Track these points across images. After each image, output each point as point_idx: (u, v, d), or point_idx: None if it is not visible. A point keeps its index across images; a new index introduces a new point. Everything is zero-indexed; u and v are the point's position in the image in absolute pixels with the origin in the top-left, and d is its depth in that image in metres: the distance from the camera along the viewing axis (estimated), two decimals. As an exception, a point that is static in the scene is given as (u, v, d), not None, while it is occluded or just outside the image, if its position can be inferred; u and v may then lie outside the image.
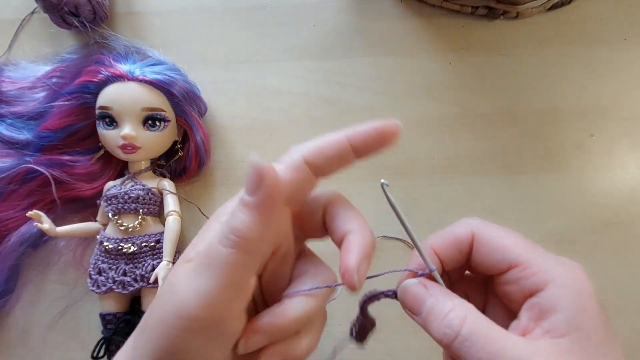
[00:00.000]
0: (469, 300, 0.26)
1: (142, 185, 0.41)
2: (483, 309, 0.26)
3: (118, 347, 0.40)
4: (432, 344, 0.23)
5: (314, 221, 0.25)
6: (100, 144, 0.42)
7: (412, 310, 0.24)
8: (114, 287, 0.39)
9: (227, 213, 0.21)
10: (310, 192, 0.24)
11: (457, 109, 0.44)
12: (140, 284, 0.39)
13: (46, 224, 0.39)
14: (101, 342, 0.39)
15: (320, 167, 0.23)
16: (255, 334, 0.23)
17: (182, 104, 0.41)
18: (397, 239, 0.42)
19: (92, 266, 0.40)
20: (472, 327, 0.21)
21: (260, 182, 0.20)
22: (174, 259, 0.39)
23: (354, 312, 0.44)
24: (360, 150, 0.23)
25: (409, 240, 0.23)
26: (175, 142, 0.43)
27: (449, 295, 0.23)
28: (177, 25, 0.46)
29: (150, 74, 0.40)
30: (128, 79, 0.40)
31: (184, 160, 0.43)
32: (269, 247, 0.23)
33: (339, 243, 0.23)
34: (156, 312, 0.22)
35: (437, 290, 0.23)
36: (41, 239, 0.42)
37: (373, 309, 0.26)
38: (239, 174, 0.44)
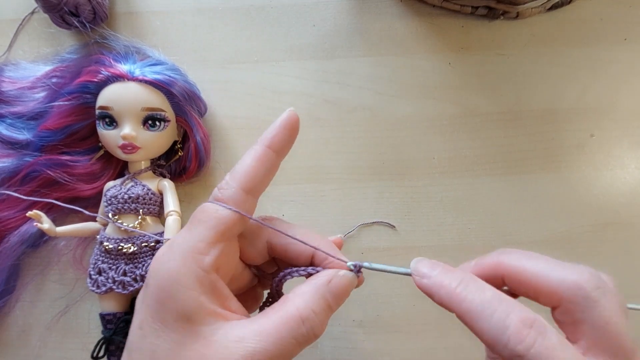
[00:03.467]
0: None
1: (142, 185, 0.41)
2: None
3: (118, 347, 0.40)
4: (431, 344, 0.23)
5: (256, 249, 0.27)
6: (100, 144, 0.42)
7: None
8: (114, 287, 0.39)
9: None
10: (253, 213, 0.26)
11: (457, 109, 0.44)
12: (140, 283, 0.39)
13: (46, 224, 0.39)
14: (101, 342, 0.39)
15: (258, 189, 0.24)
16: None
17: (182, 104, 0.41)
18: (390, 225, 0.42)
19: (92, 266, 0.40)
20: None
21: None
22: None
23: (354, 313, 0.44)
24: (282, 150, 0.25)
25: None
26: (175, 142, 0.43)
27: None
28: (177, 25, 0.46)
29: (150, 73, 0.40)
30: (128, 79, 0.40)
31: (184, 160, 0.43)
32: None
33: None
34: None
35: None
36: (41, 239, 0.42)
37: (375, 310, 0.26)
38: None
